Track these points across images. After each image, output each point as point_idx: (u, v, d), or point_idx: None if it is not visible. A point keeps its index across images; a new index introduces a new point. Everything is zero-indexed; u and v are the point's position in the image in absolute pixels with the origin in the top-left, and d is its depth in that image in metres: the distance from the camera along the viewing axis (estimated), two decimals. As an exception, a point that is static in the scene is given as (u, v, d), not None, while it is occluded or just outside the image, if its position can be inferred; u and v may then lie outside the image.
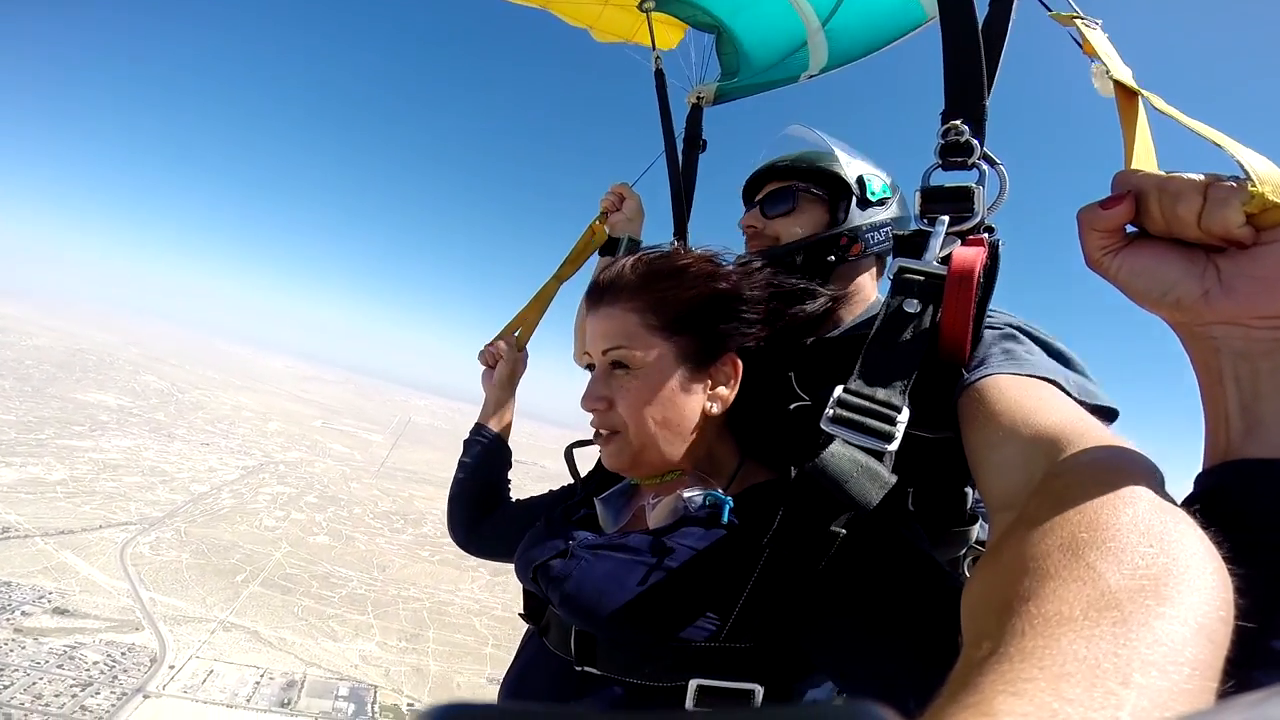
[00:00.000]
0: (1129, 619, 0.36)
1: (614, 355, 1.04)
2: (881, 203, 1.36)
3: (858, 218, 1.33)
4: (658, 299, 1.04)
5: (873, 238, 1.34)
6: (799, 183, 1.37)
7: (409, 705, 55.32)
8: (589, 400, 1.06)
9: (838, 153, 1.39)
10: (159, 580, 63.62)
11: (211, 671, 51.34)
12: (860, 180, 1.35)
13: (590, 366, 1.11)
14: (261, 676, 52.89)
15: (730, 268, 1.09)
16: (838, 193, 1.35)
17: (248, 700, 49.77)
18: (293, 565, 76.21)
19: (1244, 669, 0.36)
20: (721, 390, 1.06)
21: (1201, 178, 0.57)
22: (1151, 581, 0.39)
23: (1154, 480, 0.52)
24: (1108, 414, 0.86)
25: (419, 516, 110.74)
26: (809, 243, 1.32)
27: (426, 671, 61.90)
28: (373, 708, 53.87)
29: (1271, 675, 0.42)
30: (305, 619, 64.73)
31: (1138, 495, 0.48)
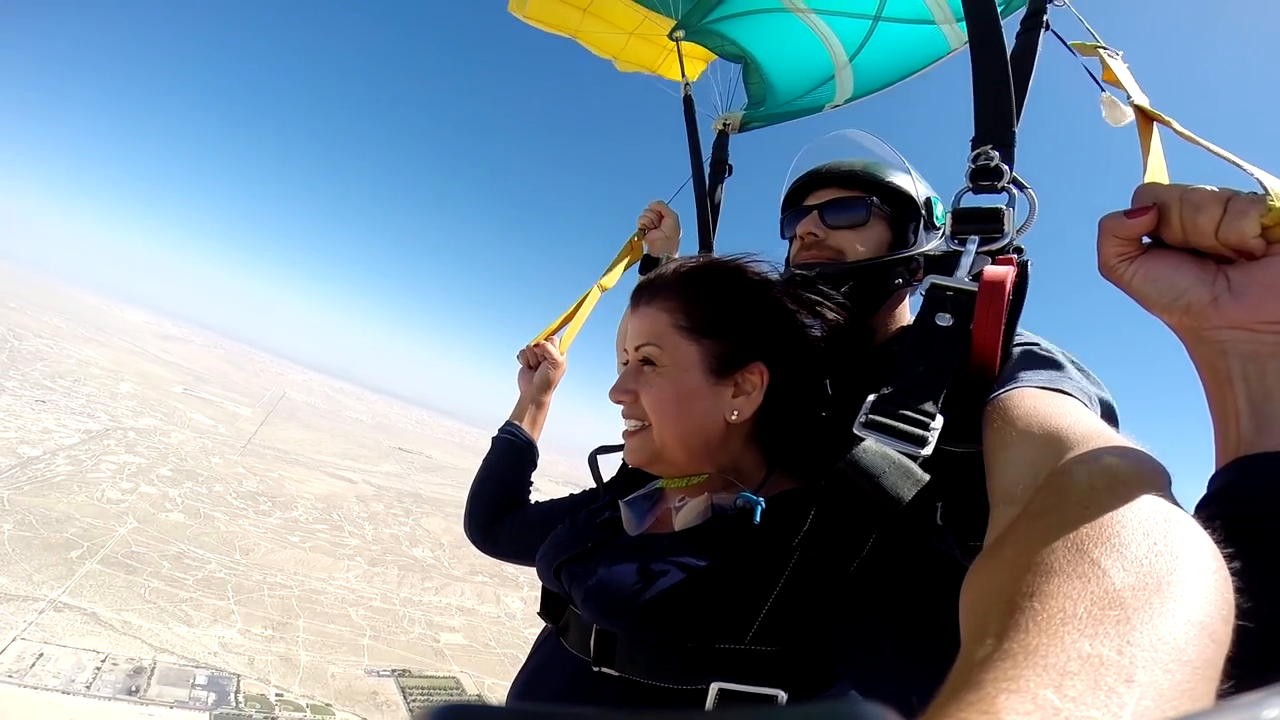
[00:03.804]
0: (1132, 617, 0.36)
1: (644, 352, 1.06)
2: (938, 228, 1.35)
3: (924, 242, 1.31)
4: (690, 301, 1.06)
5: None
6: (873, 196, 1.30)
7: (278, 695, 52.00)
8: (615, 392, 1.08)
9: (910, 168, 1.36)
10: (-27, 552, 55.36)
11: (41, 655, 45.71)
12: (928, 202, 1.34)
13: (627, 364, 1.13)
14: (103, 662, 47.75)
15: (770, 277, 1.10)
16: (905, 212, 1.32)
17: (87, 687, 44.87)
18: (140, 543, 69.00)
19: (1260, 670, 0.36)
20: (744, 399, 1.05)
21: (1221, 190, 0.61)
22: (1155, 580, 0.39)
23: (1161, 480, 0.53)
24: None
25: (289, 499, 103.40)
26: (883, 262, 1.27)
27: (296, 661, 58.26)
28: (236, 697, 50.10)
29: None
30: (154, 601, 59.05)
31: (1144, 494, 0.49)
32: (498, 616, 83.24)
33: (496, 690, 64.94)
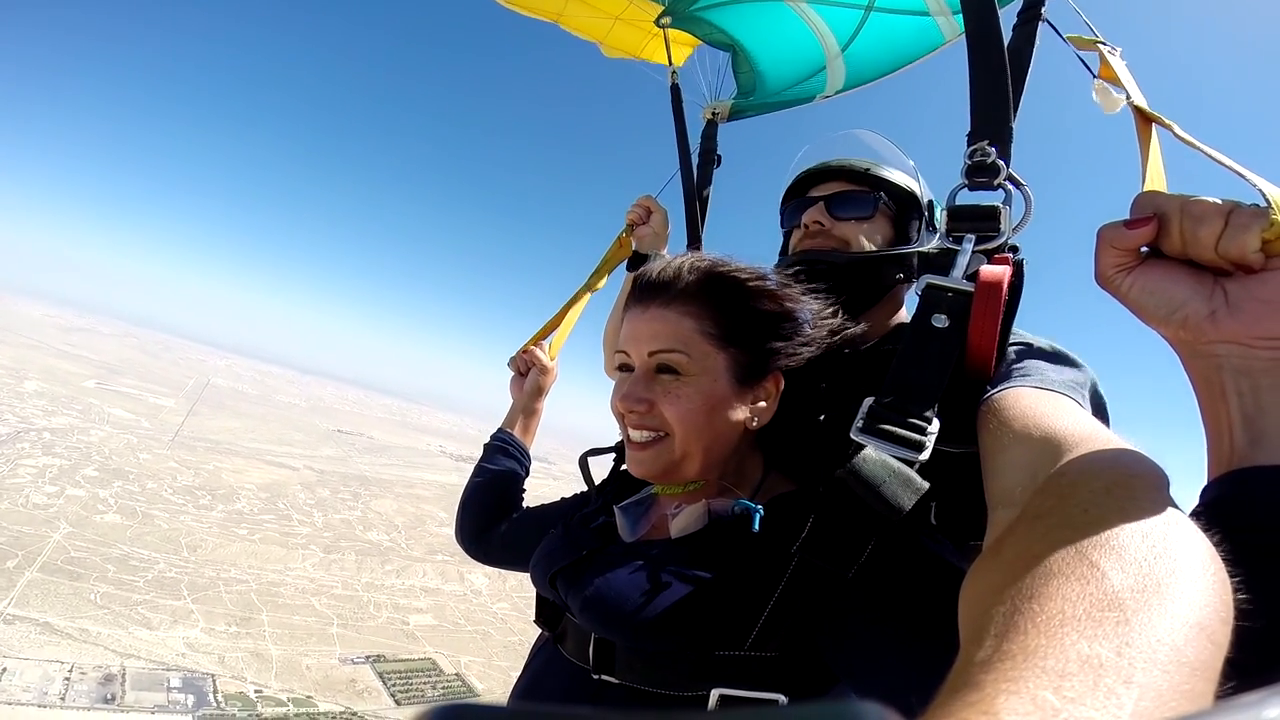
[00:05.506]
0: (1131, 619, 0.36)
1: (663, 359, 1.01)
2: (937, 230, 1.30)
3: (925, 241, 1.33)
4: (717, 308, 1.02)
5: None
6: (880, 192, 1.32)
7: (257, 691, 52.12)
8: (629, 401, 1.01)
9: (916, 172, 1.38)
10: (-102, 570, 52.08)
11: (4, 669, 44.22)
12: (930, 205, 1.36)
13: (624, 368, 1.08)
14: (70, 671, 46.52)
15: (783, 287, 1.06)
16: (908, 211, 1.34)
17: (62, 698, 43.86)
18: (78, 548, 66.01)
19: (1258, 672, 0.35)
20: (762, 405, 1.04)
21: (1224, 203, 0.61)
22: (1154, 581, 0.39)
23: (1160, 483, 0.53)
24: None
25: (229, 491, 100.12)
26: (886, 256, 1.28)
27: (268, 656, 58.11)
28: (216, 697, 49.96)
29: None
30: (107, 606, 57.24)
31: (1142, 496, 0.49)
32: (463, 594, 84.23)
33: (473, 668, 66.69)
